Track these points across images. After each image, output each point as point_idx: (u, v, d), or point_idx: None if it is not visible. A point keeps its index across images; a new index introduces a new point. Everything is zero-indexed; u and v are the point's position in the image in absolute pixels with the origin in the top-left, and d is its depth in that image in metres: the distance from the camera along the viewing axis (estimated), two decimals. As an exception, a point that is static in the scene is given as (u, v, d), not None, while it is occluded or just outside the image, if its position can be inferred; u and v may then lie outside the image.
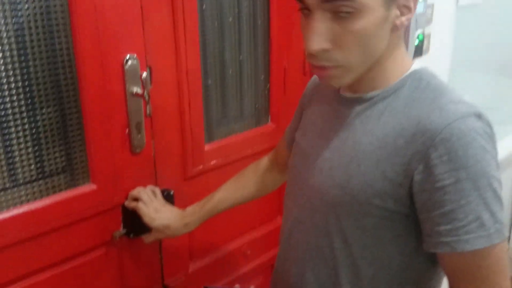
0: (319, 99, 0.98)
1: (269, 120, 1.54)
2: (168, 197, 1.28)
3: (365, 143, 0.81)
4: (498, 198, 0.74)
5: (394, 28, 0.79)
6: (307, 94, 1.05)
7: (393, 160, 0.77)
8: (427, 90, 0.80)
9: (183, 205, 1.30)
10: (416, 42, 1.58)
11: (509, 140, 2.47)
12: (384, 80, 0.83)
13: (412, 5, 0.78)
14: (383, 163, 0.78)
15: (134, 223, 1.23)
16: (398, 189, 0.77)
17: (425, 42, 1.64)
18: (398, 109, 0.80)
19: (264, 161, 1.23)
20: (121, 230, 1.23)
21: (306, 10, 0.77)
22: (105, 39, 1.08)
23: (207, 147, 1.37)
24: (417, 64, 0.85)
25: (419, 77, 0.82)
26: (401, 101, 0.81)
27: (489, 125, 0.76)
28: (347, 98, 0.88)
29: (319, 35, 0.75)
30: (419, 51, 1.60)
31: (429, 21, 1.63)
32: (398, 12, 0.78)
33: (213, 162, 1.38)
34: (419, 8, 1.54)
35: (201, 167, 1.36)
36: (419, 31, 1.57)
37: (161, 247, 1.34)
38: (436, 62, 1.76)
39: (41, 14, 1.01)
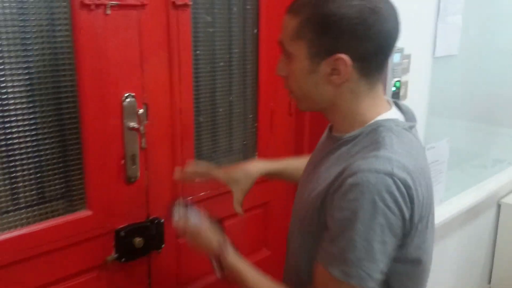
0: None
1: (256, 156, 1.64)
2: (159, 225, 1.38)
3: (322, 178, 0.94)
4: (356, 248, 0.84)
5: (332, 83, 0.92)
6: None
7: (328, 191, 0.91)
8: (374, 142, 0.90)
9: (175, 232, 1.40)
10: (394, 89, 1.71)
11: (487, 182, 2.59)
12: (347, 126, 0.96)
13: (342, 68, 0.89)
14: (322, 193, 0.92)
15: (126, 248, 1.32)
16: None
17: (402, 89, 1.77)
18: (351, 155, 0.92)
19: None
20: (113, 255, 1.32)
21: None
22: (106, 79, 1.20)
23: (197, 179, 1.46)
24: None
25: (376, 128, 0.93)
26: (357, 148, 0.92)
27: (399, 187, 0.84)
28: (330, 135, 1.02)
29: (280, 65, 0.99)
30: (396, 97, 1.73)
31: (405, 70, 1.77)
32: (328, 70, 0.91)
33: (202, 194, 1.48)
34: (395, 58, 1.67)
35: (191, 198, 1.45)
36: (396, 79, 1.71)
37: (150, 273, 1.41)
38: (414, 108, 1.89)
39: (49, 54, 1.13)
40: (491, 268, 2.84)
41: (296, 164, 1.28)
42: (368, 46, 0.89)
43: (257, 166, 1.28)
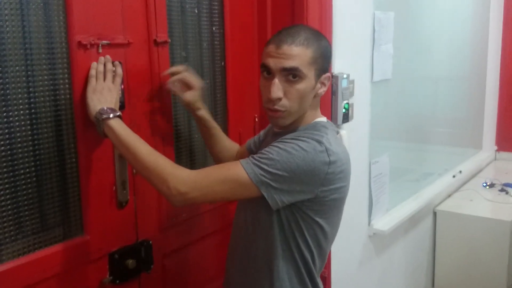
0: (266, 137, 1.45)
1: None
2: (148, 247, 1.47)
3: None
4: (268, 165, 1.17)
5: (316, 95, 1.28)
6: (261, 135, 1.52)
7: None
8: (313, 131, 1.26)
9: (161, 253, 1.49)
10: (344, 110, 1.92)
11: (422, 193, 2.86)
12: (294, 126, 1.29)
13: (327, 83, 1.29)
14: None
15: (120, 270, 1.39)
16: None
17: (350, 110, 1.99)
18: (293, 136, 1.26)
19: (237, 146, 1.61)
20: (108, 277, 1.39)
21: (267, 74, 1.23)
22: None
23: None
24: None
25: (315, 124, 1.29)
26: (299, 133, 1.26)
27: (323, 149, 1.18)
28: (275, 132, 1.35)
29: (278, 89, 1.21)
30: (346, 117, 1.95)
31: (351, 93, 2.00)
32: (319, 85, 1.27)
33: (183, 216, 1.59)
34: (343, 83, 1.90)
35: (174, 219, 1.56)
36: (345, 101, 1.93)
37: (140, 294, 1.49)
38: (358, 126, 2.12)
39: (50, 90, 1.23)
40: (433, 271, 3.10)
41: (224, 140, 1.56)
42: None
43: (201, 107, 1.48)
